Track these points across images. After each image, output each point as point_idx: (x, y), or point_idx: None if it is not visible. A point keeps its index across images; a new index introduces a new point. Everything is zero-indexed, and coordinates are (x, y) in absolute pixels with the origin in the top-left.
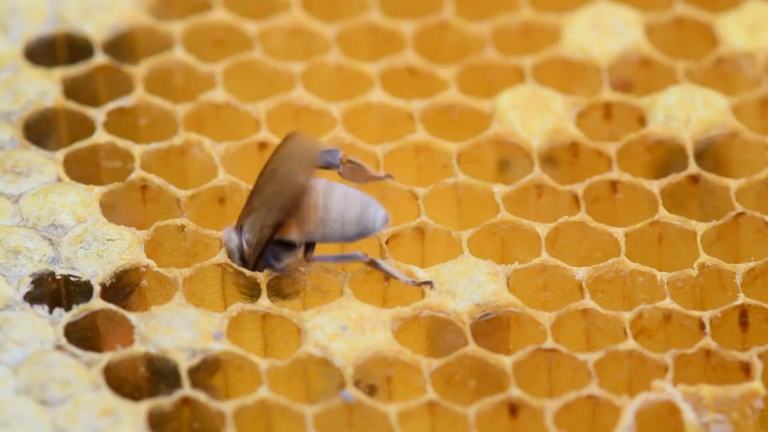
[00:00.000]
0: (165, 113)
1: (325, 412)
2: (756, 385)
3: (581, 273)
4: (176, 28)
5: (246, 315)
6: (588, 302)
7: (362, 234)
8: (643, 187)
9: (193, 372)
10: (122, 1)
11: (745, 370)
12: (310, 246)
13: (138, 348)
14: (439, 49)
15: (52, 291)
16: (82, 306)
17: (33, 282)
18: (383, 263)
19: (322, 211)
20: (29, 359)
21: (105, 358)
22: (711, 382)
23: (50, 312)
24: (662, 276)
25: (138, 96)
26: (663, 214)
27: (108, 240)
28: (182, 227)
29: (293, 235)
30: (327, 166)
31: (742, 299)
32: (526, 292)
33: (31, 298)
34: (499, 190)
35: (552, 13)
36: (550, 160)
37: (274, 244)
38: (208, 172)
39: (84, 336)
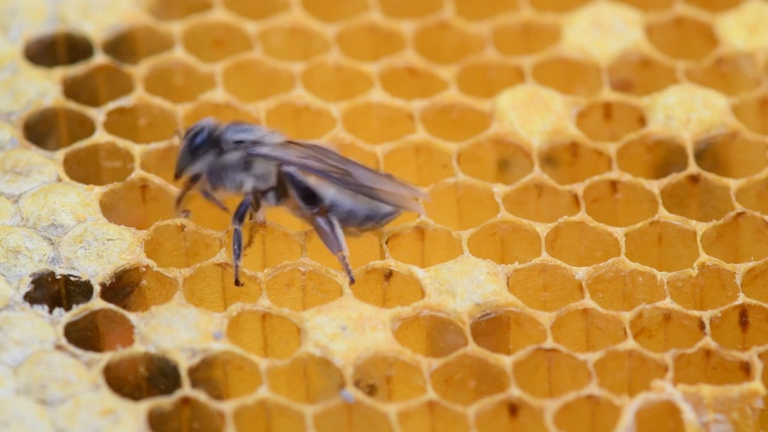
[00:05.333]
0: (165, 113)
1: (325, 412)
2: (756, 384)
3: (581, 273)
4: (176, 28)
5: (246, 315)
6: (588, 302)
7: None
8: (643, 187)
9: (193, 372)
10: (122, 1)
11: (745, 369)
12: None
13: (138, 348)
14: (439, 49)
15: (52, 291)
16: (82, 306)
17: (33, 282)
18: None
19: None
20: (29, 359)
21: (105, 358)
22: (711, 382)
23: (50, 312)
24: (662, 276)
25: (138, 96)
26: (663, 214)
27: (108, 240)
28: (182, 227)
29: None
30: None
31: (742, 299)
32: (526, 292)
33: (31, 298)
34: (499, 190)
35: (552, 13)
36: (550, 160)
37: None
38: None
39: (84, 336)
